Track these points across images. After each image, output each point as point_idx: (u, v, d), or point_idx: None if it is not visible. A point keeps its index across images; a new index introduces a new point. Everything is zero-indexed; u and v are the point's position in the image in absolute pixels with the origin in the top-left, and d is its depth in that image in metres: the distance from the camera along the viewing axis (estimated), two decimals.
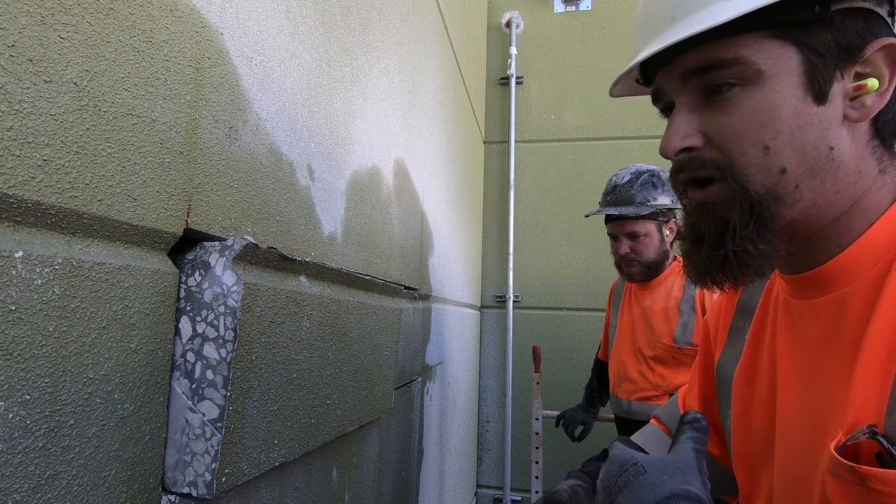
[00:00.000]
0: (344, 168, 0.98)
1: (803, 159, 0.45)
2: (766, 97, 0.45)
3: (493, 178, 2.99)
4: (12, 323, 0.40)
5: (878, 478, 0.38)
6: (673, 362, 1.60)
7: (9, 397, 0.40)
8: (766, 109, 0.45)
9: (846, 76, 0.45)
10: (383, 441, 1.25)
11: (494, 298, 2.92)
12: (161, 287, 0.56)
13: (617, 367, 1.75)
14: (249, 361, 0.64)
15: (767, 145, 0.45)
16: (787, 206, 0.46)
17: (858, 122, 0.45)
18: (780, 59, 0.45)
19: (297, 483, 0.83)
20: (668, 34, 0.47)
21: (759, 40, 0.45)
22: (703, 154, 0.48)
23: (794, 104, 0.45)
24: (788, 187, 0.46)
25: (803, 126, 0.45)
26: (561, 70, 2.96)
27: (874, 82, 0.44)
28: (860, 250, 0.47)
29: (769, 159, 0.45)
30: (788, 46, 0.44)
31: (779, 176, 0.46)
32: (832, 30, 0.44)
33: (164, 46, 0.54)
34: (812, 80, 0.44)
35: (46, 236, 0.44)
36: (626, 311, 1.77)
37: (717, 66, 0.46)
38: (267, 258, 0.72)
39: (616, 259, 1.70)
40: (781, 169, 0.45)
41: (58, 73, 0.43)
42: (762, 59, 0.45)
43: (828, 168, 0.45)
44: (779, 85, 0.45)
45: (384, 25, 1.19)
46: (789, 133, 0.45)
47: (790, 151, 0.45)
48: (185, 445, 0.58)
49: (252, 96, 0.70)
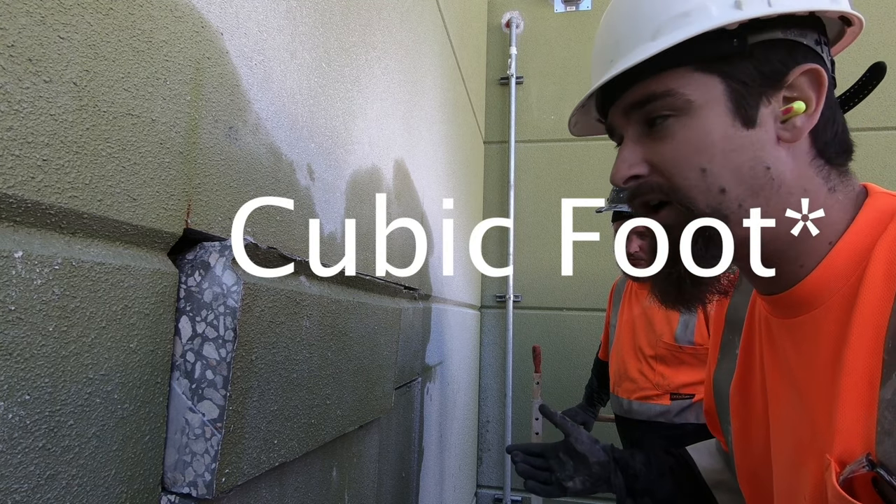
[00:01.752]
0: (344, 168, 0.98)
1: (740, 179, 0.48)
2: (698, 124, 0.49)
3: (493, 178, 2.99)
4: (12, 323, 0.40)
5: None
6: (674, 361, 1.59)
7: (8, 397, 0.40)
8: (698, 135, 0.49)
9: (773, 101, 0.48)
10: (383, 441, 1.25)
11: (494, 298, 2.92)
12: (161, 287, 0.56)
13: (617, 367, 1.75)
14: (249, 361, 0.64)
15: (704, 168, 0.48)
16: (736, 224, 0.49)
17: (792, 142, 0.48)
18: (707, 89, 0.48)
19: (297, 483, 0.83)
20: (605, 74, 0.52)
21: (686, 74, 0.49)
22: (650, 180, 0.52)
23: (724, 129, 0.48)
24: (732, 206, 0.49)
25: (735, 149, 0.48)
26: (561, 70, 2.96)
27: (801, 105, 0.47)
28: (826, 273, 0.48)
29: (708, 181, 0.48)
30: (713, 77, 0.48)
31: (720, 196, 0.48)
32: (753, 60, 0.48)
33: (164, 46, 0.54)
34: (738, 107, 0.48)
35: (46, 236, 0.44)
36: (627, 309, 1.77)
37: (652, 99, 0.50)
38: (267, 258, 0.72)
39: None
40: (721, 189, 0.48)
41: (57, 72, 0.43)
42: (690, 90, 0.49)
43: (768, 186, 0.48)
44: (708, 113, 0.48)
45: (384, 25, 1.19)
46: (722, 156, 0.48)
47: (726, 173, 0.48)
48: (185, 445, 0.58)
49: (252, 96, 0.70)
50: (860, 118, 2.61)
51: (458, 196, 2.20)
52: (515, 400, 2.81)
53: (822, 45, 0.49)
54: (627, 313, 1.76)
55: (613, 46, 0.53)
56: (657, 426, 1.61)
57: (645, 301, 1.70)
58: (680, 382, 1.59)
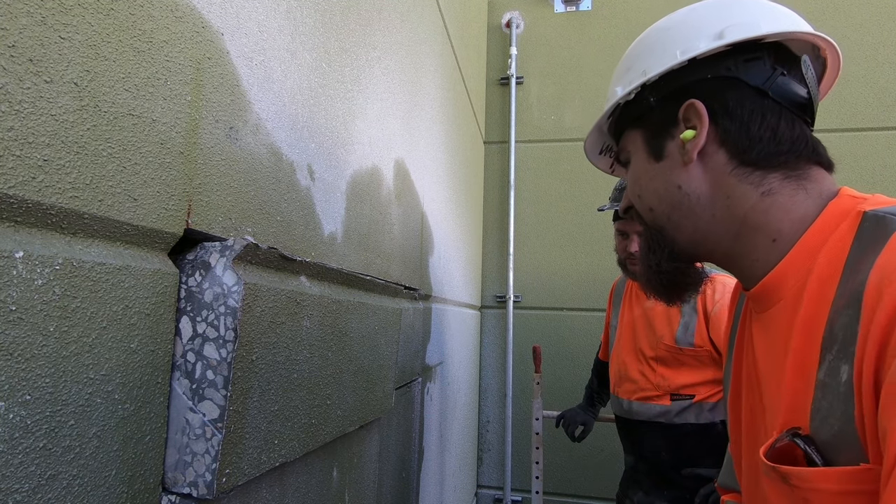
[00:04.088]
0: (344, 168, 0.98)
1: (660, 199, 0.61)
2: (633, 167, 0.65)
3: (493, 178, 2.99)
4: (13, 323, 0.40)
5: (796, 475, 0.44)
6: (674, 363, 1.59)
7: (9, 397, 0.40)
8: (633, 174, 0.65)
9: (678, 135, 0.59)
10: (383, 441, 1.25)
11: (494, 298, 2.92)
12: (161, 287, 0.56)
13: (618, 367, 1.75)
14: (250, 361, 0.64)
15: (639, 195, 0.64)
16: (674, 231, 0.61)
17: (689, 163, 0.59)
18: (635, 141, 0.65)
19: (297, 483, 0.83)
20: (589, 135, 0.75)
21: (629, 133, 0.66)
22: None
23: (644, 166, 0.63)
24: (663, 219, 0.62)
25: (652, 178, 0.62)
26: (561, 70, 2.96)
27: (688, 133, 0.58)
28: (783, 270, 0.54)
29: (641, 204, 0.64)
30: (637, 131, 0.64)
31: (650, 213, 0.63)
32: (656, 112, 0.62)
33: (165, 47, 0.54)
34: (650, 147, 0.62)
35: (47, 236, 0.44)
36: (627, 310, 1.77)
37: (619, 154, 0.69)
38: (267, 258, 0.72)
39: (622, 257, 1.68)
40: (650, 208, 0.63)
41: (58, 73, 0.43)
42: (628, 143, 0.66)
43: (685, 200, 0.59)
44: (637, 157, 0.65)
45: (384, 26, 1.19)
46: (645, 185, 0.63)
47: (649, 196, 0.62)
48: (186, 446, 0.58)
49: (252, 96, 0.70)
50: (860, 118, 2.61)
51: (458, 196, 2.20)
52: (515, 400, 2.81)
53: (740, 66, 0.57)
54: (628, 314, 1.76)
55: None
56: (657, 426, 1.61)
57: (646, 302, 1.69)
58: (680, 383, 1.58)
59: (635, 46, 0.65)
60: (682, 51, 0.58)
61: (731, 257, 0.59)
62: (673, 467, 1.57)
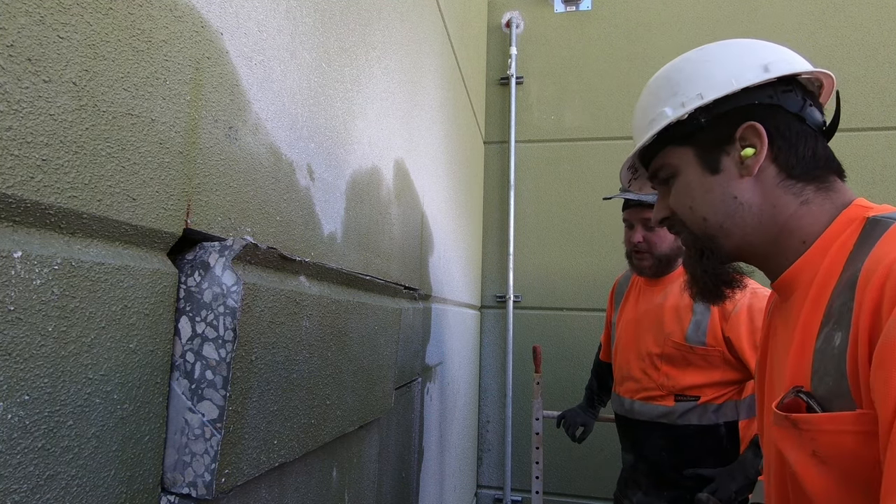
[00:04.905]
0: (344, 168, 0.98)
1: (716, 209, 0.69)
2: (683, 179, 0.72)
3: (493, 178, 2.99)
4: (11, 323, 0.40)
5: (804, 420, 0.55)
6: (681, 362, 1.54)
7: (8, 398, 0.40)
8: (684, 186, 0.72)
9: (732, 151, 0.68)
10: (383, 441, 1.25)
11: (494, 298, 2.92)
12: (160, 287, 0.56)
13: (620, 366, 1.71)
14: (249, 362, 0.64)
15: (691, 206, 0.71)
16: (724, 238, 0.69)
17: (748, 175, 0.67)
18: (683, 156, 0.71)
19: (296, 483, 0.83)
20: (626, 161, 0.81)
21: (671, 150, 0.72)
22: (672, 218, 0.76)
23: (699, 179, 0.70)
24: (715, 227, 0.69)
25: (708, 190, 0.69)
26: (561, 70, 2.96)
27: (748, 151, 0.66)
28: (803, 263, 0.65)
29: (694, 214, 0.71)
30: (686, 148, 0.71)
31: (703, 223, 0.70)
32: (708, 131, 0.69)
33: (164, 46, 0.54)
34: (705, 162, 0.69)
35: (45, 236, 0.44)
36: (632, 307, 1.73)
37: (658, 170, 0.75)
38: (267, 258, 0.72)
39: (628, 249, 1.66)
40: (703, 218, 0.70)
41: (57, 72, 0.43)
42: (674, 159, 0.72)
43: (738, 209, 0.68)
44: (687, 171, 0.71)
45: (384, 25, 1.19)
46: (700, 196, 0.70)
47: (704, 206, 0.70)
48: (185, 446, 0.58)
49: (252, 96, 0.70)
50: (860, 118, 2.61)
51: (458, 196, 2.20)
52: (515, 400, 2.80)
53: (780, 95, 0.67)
54: (632, 311, 1.71)
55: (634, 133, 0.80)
56: (659, 427, 1.58)
57: (655, 298, 1.65)
58: (686, 384, 1.54)
59: (674, 74, 0.73)
60: (735, 79, 0.67)
61: (766, 257, 0.69)
62: (674, 468, 1.55)
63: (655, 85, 0.75)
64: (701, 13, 2.82)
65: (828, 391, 0.54)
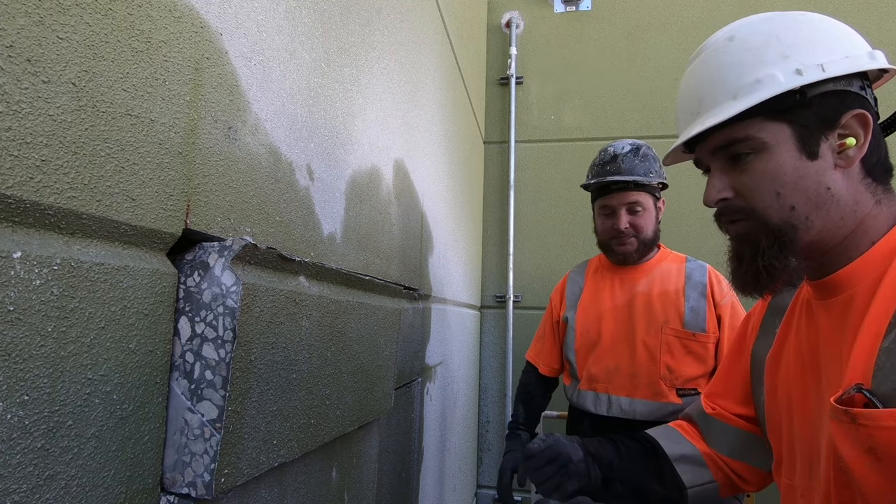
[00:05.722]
0: (343, 168, 0.98)
1: (807, 199, 0.63)
2: (772, 160, 0.63)
3: (493, 178, 2.99)
4: (11, 323, 0.40)
5: (863, 415, 0.54)
6: (680, 351, 1.46)
7: (7, 398, 0.40)
8: (773, 168, 0.63)
9: (831, 138, 0.62)
10: (383, 441, 1.25)
11: (494, 298, 2.92)
12: (160, 287, 0.56)
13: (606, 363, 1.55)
14: (248, 362, 0.64)
15: (778, 192, 0.63)
16: (804, 232, 0.64)
17: (846, 168, 0.62)
18: (778, 133, 0.63)
19: (296, 483, 0.83)
20: (695, 125, 0.68)
21: (761, 122, 0.64)
22: (734, 203, 0.67)
23: (793, 162, 0.63)
24: (801, 218, 0.63)
25: (803, 176, 0.63)
26: (561, 70, 2.96)
27: (852, 140, 0.62)
28: (864, 261, 0.63)
29: (780, 201, 0.63)
30: (782, 124, 0.63)
31: (790, 212, 0.63)
32: (812, 109, 0.62)
33: (163, 47, 0.54)
34: (803, 145, 0.63)
35: (45, 237, 0.44)
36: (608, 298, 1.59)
37: (735, 142, 0.65)
38: (266, 258, 0.72)
39: (606, 238, 1.55)
40: (791, 207, 0.63)
41: (56, 73, 0.43)
42: (765, 135, 0.64)
43: (829, 202, 0.63)
44: (779, 150, 0.63)
45: (384, 25, 1.19)
46: (792, 182, 0.63)
47: (795, 194, 0.63)
48: (184, 446, 0.58)
49: (251, 96, 0.70)
50: None
51: (458, 196, 2.20)
52: None
53: (866, 89, 0.64)
54: (610, 302, 1.58)
55: (698, 103, 0.69)
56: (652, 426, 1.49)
57: (638, 286, 1.55)
58: (686, 376, 1.44)
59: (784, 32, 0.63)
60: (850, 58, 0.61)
61: (830, 254, 0.65)
62: None
63: (756, 40, 0.64)
64: (701, 13, 2.82)
65: (891, 390, 0.54)
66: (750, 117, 0.63)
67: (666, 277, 1.55)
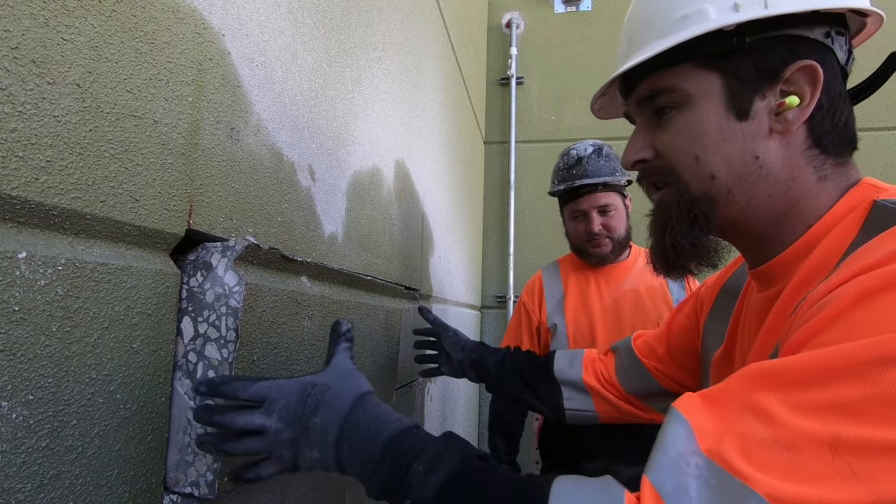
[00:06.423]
0: (345, 169, 0.98)
1: (730, 167, 0.52)
2: (694, 116, 0.53)
3: (493, 178, 2.99)
4: (16, 323, 0.40)
5: None
6: None
7: (12, 397, 0.40)
8: (694, 126, 0.53)
9: (769, 95, 0.51)
10: None
11: (494, 298, 2.92)
12: (163, 287, 0.56)
13: None
14: (251, 362, 0.64)
15: (697, 155, 0.53)
16: (723, 206, 0.54)
17: (783, 133, 0.51)
18: (705, 84, 0.52)
19: (297, 483, 0.83)
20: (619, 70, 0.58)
21: (687, 70, 0.53)
22: (655, 164, 0.57)
23: (718, 121, 0.52)
24: (721, 191, 0.53)
25: (727, 139, 0.52)
26: (561, 70, 2.96)
27: (794, 99, 0.50)
28: (793, 252, 0.52)
29: (700, 167, 0.53)
30: (712, 73, 0.52)
31: (710, 181, 0.53)
32: (751, 57, 0.51)
33: (166, 48, 0.55)
34: (733, 101, 0.51)
35: (49, 237, 0.44)
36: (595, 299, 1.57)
37: (658, 93, 0.55)
38: (268, 259, 0.72)
39: (580, 242, 1.54)
40: (711, 175, 0.53)
41: (61, 74, 0.43)
42: (689, 85, 0.53)
43: (756, 174, 0.52)
44: (704, 106, 0.52)
45: (385, 26, 1.19)
46: (714, 145, 0.52)
47: (717, 160, 0.52)
48: (188, 445, 0.58)
49: (253, 97, 0.70)
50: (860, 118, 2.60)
51: (459, 196, 2.20)
52: None
53: (835, 37, 0.51)
54: (598, 303, 1.57)
55: (627, 43, 0.59)
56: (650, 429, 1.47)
57: (622, 284, 1.54)
58: None
59: None
60: None
61: (760, 239, 0.55)
62: None
63: None
64: None
65: None
66: (678, 63, 0.53)
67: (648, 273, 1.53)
